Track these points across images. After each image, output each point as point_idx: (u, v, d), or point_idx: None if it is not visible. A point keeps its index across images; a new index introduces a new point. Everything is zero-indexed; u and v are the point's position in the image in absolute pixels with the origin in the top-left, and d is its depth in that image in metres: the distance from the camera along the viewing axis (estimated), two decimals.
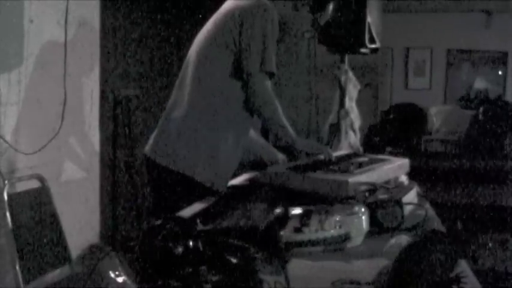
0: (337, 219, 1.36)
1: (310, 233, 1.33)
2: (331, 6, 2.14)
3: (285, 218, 1.42)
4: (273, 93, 1.99)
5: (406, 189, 1.71)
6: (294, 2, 2.13)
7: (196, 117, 1.99)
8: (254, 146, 2.28)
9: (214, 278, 1.03)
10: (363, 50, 2.61)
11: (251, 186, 1.96)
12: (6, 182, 2.46)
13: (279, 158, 2.25)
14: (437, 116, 7.44)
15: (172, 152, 1.99)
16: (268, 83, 1.98)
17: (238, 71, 1.97)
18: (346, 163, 1.90)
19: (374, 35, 2.58)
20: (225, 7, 2.07)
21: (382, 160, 1.96)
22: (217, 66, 1.99)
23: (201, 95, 2.01)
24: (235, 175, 2.13)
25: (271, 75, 1.99)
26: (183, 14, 5.01)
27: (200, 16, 4.61)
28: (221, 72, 1.99)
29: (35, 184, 2.62)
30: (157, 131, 2.09)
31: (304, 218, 1.39)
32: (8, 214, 2.36)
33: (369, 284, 1.10)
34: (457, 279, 1.04)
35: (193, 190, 1.94)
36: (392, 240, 1.33)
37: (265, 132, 2.44)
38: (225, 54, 1.97)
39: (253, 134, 2.27)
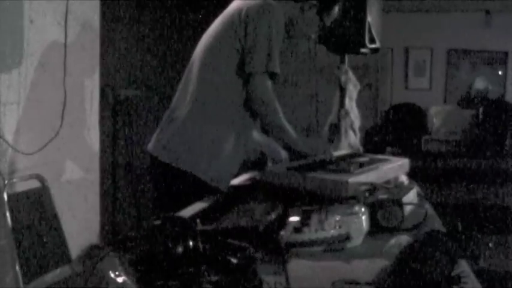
0: (337, 219, 1.36)
1: (310, 233, 1.33)
2: (337, 7, 2.15)
3: (285, 218, 1.42)
4: (273, 95, 1.99)
5: (406, 189, 1.71)
6: (301, 4, 2.12)
7: (200, 115, 2.00)
8: (258, 144, 2.27)
9: (214, 278, 1.03)
10: (363, 50, 2.61)
11: (251, 186, 1.96)
12: (6, 182, 2.46)
13: (283, 157, 2.24)
14: (437, 116, 7.43)
15: (175, 150, 2.00)
16: (269, 84, 1.98)
17: (243, 71, 1.98)
18: (346, 163, 1.90)
19: (374, 35, 2.58)
20: (232, 7, 2.07)
21: (382, 160, 1.96)
22: (223, 66, 2.00)
23: (205, 94, 2.01)
24: (235, 175, 2.13)
25: (273, 75, 1.99)
26: (183, 14, 5.01)
27: (201, 16, 4.62)
28: (226, 71, 1.99)
29: (35, 184, 2.61)
30: (161, 128, 2.10)
31: (304, 218, 1.39)
32: (8, 214, 2.35)
33: (369, 284, 1.10)
34: (457, 279, 1.04)
35: (195, 188, 1.94)
36: (392, 240, 1.33)
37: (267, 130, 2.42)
38: (231, 54, 1.98)
39: (256, 132, 2.27)
